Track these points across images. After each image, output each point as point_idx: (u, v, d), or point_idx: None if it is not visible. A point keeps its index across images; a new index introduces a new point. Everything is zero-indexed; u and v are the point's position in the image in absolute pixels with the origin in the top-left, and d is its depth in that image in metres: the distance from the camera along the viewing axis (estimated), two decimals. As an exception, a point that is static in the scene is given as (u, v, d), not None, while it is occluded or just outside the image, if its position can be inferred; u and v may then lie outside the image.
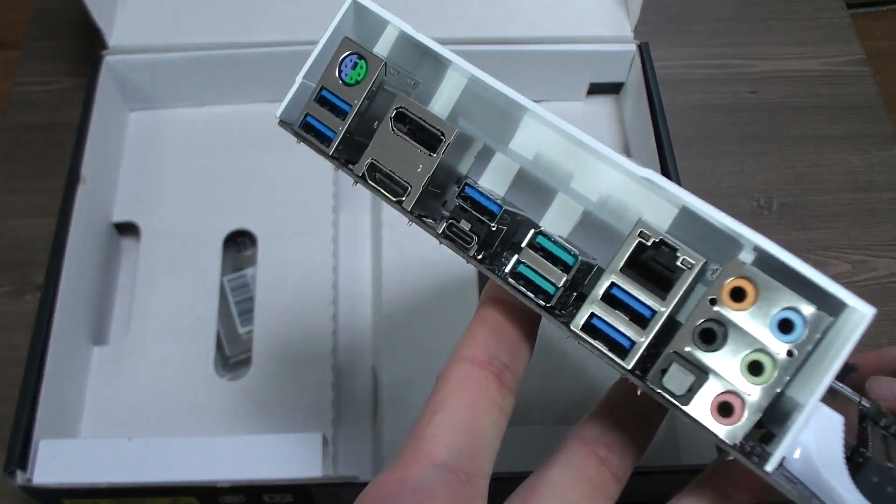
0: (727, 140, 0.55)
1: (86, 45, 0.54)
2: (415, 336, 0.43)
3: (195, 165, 0.50)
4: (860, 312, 0.17)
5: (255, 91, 0.51)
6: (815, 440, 0.20)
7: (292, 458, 0.37)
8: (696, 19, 0.60)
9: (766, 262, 0.18)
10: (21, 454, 0.36)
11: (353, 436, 0.43)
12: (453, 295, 0.45)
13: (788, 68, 0.58)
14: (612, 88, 0.53)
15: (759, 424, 0.18)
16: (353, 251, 0.48)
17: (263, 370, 0.44)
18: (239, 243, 0.49)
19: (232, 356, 0.46)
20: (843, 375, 0.28)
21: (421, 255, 0.45)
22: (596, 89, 0.53)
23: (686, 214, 0.20)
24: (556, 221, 0.22)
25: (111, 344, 0.46)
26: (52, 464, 0.37)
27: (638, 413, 0.22)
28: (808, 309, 0.17)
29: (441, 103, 0.23)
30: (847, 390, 0.26)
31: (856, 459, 0.22)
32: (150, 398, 0.43)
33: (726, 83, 0.57)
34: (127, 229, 0.49)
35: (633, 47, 0.50)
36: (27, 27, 0.59)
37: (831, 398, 0.25)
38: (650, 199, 0.20)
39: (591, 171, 0.21)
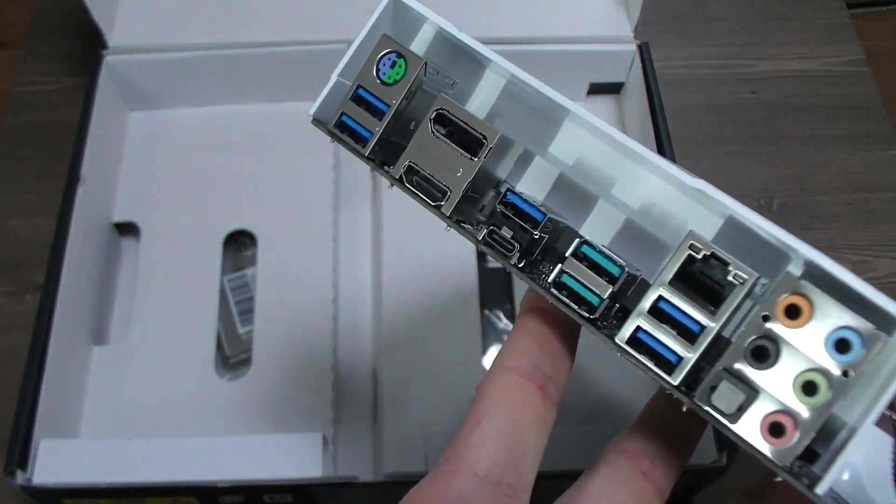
0: (727, 140, 0.55)
1: (86, 45, 0.54)
2: (415, 336, 0.43)
3: (195, 165, 0.50)
4: None
5: (255, 91, 0.51)
6: (865, 461, 0.19)
7: (292, 458, 0.37)
8: (696, 19, 0.60)
9: (814, 276, 0.17)
10: (21, 454, 0.36)
11: (353, 436, 0.43)
12: (453, 295, 0.45)
13: (788, 68, 0.58)
14: (612, 88, 0.53)
15: None
16: (353, 251, 0.48)
17: (263, 370, 0.44)
18: (239, 243, 0.49)
19: (232, 356, 0.46)
20: None
21: (421, 255, 0.45)
22: (596, 89, 0.53)
23: (733, 225, 0.19)
24: (597, 229, 0.22)
25: (111, 344, 0.46)
26: (52, 464, 0.37)
27: (680, 426, 0.22)
28: (865, 328, 0.17)
29: (478, 104, 0.23)
30: None
31: None
32: (150, 398, 0.43)
33: (726, 83, 0.57)
34: (127, 229, 0.49)
35: (633, 47, 0.50)
36: (27, 27, 0.59)
37: None
38: (695, 208, 0.20)
39: (635, 177, 0.21)
